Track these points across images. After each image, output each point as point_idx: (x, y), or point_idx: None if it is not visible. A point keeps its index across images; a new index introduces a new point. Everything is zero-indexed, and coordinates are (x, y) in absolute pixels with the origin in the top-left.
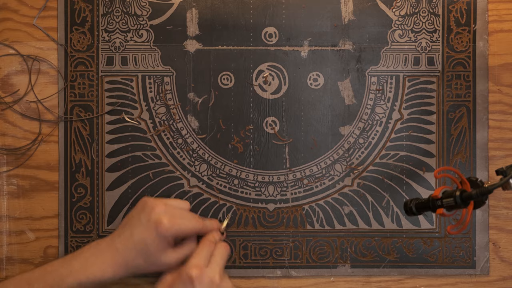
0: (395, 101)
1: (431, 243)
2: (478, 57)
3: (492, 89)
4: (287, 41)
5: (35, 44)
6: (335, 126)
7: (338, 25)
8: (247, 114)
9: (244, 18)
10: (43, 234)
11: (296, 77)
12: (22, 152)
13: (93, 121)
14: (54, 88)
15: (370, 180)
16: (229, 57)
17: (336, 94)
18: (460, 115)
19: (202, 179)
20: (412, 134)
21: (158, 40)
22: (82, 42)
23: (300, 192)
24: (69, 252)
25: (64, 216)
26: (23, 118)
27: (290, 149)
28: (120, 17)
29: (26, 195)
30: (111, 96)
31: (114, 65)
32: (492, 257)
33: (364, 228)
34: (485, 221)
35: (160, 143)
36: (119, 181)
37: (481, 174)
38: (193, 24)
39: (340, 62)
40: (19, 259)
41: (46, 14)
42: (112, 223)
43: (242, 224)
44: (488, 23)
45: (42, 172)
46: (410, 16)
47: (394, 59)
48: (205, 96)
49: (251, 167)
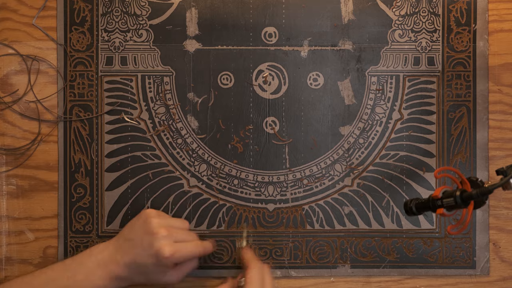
0: (395, 101)
1: (431, 243)
2: (478, 57)
3: (492, 89)
4: (287, 41)
5: (34, 44)
6: (335, 126)
7: (338, 25)
8: (246, 114)
9: (243, 17)
10: (43, 234)
11: (296, 77)
12: (21, 152)
13: (92, 121)
14: (53, 88)
15: (370, 180)
16: (229, 57)
17: (336, 94)
18: (460, 115)
19: (201, 179)
20: (412, 134)
21: (157, 40)
22: (82, 42)
23: (300, 192)
24: (68, 253)
25: (63, 216)
26: (23, 118)
27: (290, 149)
28: (119, 17)
29: (25, 195)
30: (111, 96)
31: (113, 65)
32: (492, 257)
33: (364, 228)
34: (485, 221)
35: (160, 143)
36: (119, 181)
37: (482, 174)
38: (193, 24)
39: (340, 62)
40: (18, 260)
41: (45, 14)
42: (111, 223)
43: (241, 224)
44: (489, 23)
45: (41, 172)
46: (410, 16)
47: (394, 59)
48: (205, 96)
49: (251, 167)
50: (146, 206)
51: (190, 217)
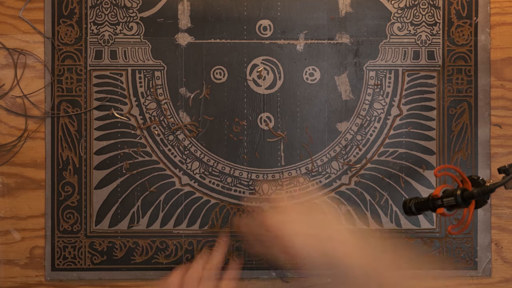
0: (394, 97)
1: (431, 244)
2: (480, 50)
3: (494, 84)
4: (282, 34)
5: (21, 37)
6: (332, 122)
7: (335, 18)
8: (240, 109)
9: (237, 10)
10: (29, 234)
11: (292, 72)
12: (7, 149)
13: (81, 117)
14: (40, 82)
15: (368, 178)
16: (222, 50)
17: (333, 89)
18: (461, 111)
19: (194, 177)
20: (412, 130)
21: (148, 33)
22: (70, 35)
23: (296, 190)
24: (56, 253)
25: (51, 216)
26: (9, 114)
27: (285, 146)
28: (109, 9)
29: (11, 194)
30: (100, 91)
31: (103, 59)
32: (494, 258)
33: (362, 228)
34: (487, 220)
35: (151, 140)
36: (108, 179)
37: (483, 172)
38: (185, 16)
39: (337, 56)
40: (4, 260)
41: (32, 6)
42: (100, 223)
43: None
44: (490, 16)
45: (28, 169)
46: (410, 8)
47: (393, 53)
48: (197, 91)
49: (245, 165)
50: (136, 205)
51: (182, 216)
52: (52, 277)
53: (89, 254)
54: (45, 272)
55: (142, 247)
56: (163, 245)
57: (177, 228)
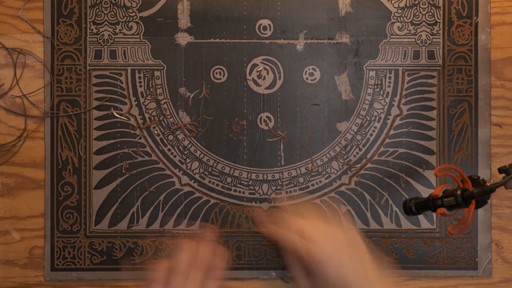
0: (394, 96)
1: (431, 244)
2: (480, 50)
3: (494, 84)
4: (282, 34)
5: (20, 36)
6: (331, 122)
7: (335, 17)
8: (240, 109)
9: (237, 10)
10: (29, 234)
11: (292, 71)
12: (6, 149)
13: (80, 116)
14: (40, 82)
15: (368, 178)
16: (222, 50)
17: (333, 89)
18: (461, 111)
19: (193, 177)
20: (412, 130)
21: (148, 32)
22: (69, 34)
23: (296, 190)
24: (55, 253)
25: (50, 216)
26: (8, 114)
27: (285, 146)
28: (108, 9)
29: (11, 194)
30: (99, 90)
31: (102, 58)
32: (494, 258)
33: (362, 228)
34: (487, 221)
35: (150, 140)
36: (108, 179)
37: (483, 172)
38: (185, 16)
39: (337, 56)
40: (3, 260)
41: (32, 5)
42: (100, 223)
43: (235, 224)
44: (491, 16)
45: (27, 169)
46: (410, 8)
47: (393, 53)
48: (197, 91)
49: (245, 165)
50: (136, 205)
51: (181, 216)
52: (52, 277)
53: (88, 254)
54: (45, 272)
55: (142, 247)
56: (163, 245)
57: (177, 228)
